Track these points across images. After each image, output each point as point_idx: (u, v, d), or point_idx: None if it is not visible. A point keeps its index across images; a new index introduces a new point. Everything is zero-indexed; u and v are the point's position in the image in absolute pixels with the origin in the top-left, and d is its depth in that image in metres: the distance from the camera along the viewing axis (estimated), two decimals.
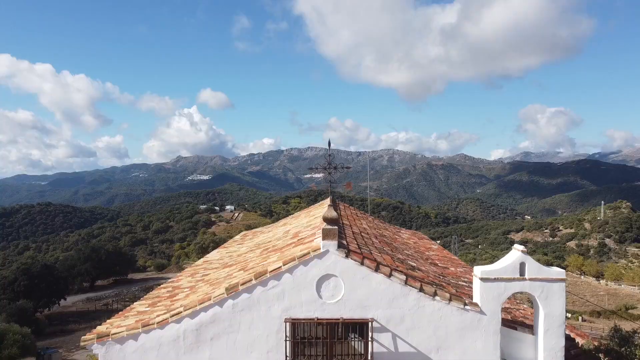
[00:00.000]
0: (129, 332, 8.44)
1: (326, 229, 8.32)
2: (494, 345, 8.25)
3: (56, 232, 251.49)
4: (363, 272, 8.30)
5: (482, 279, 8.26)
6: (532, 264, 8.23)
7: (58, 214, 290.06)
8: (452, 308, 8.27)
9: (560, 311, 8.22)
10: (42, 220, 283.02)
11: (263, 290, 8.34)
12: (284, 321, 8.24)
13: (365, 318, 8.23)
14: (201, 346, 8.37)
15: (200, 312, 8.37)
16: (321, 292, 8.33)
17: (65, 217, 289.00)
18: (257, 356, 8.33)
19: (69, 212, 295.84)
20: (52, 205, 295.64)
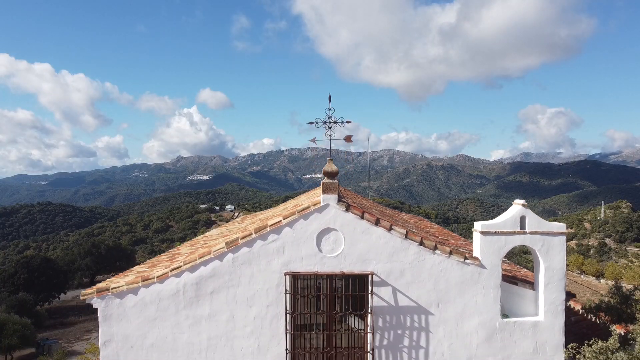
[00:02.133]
0: (129, 287, 8.43)
1: (326, 183, 8.30)
2: (494, 299, 8.24)
3: (56, 231, 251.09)
4: (363, 225, 8.28)
5: (482, 233, 8.24)
6: (532, 217, 8.22)
7: (58, 214, 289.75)
8: (452, 262, 8.26)
9: (560, 265, 8.20)
10: (42, 219, 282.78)
11: (263, 244, 8.32)
12: (284, 275, 8.22)
13: (365, 271, 8.21)
14: (201, 300, 8.36)
15: (200, 266, 8.36)
16: (321, 246, 8.31)
17: (66, 217, 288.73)
18: (257, 310, 8.32)
19: (69, 212, 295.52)
20: (52, 204, 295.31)
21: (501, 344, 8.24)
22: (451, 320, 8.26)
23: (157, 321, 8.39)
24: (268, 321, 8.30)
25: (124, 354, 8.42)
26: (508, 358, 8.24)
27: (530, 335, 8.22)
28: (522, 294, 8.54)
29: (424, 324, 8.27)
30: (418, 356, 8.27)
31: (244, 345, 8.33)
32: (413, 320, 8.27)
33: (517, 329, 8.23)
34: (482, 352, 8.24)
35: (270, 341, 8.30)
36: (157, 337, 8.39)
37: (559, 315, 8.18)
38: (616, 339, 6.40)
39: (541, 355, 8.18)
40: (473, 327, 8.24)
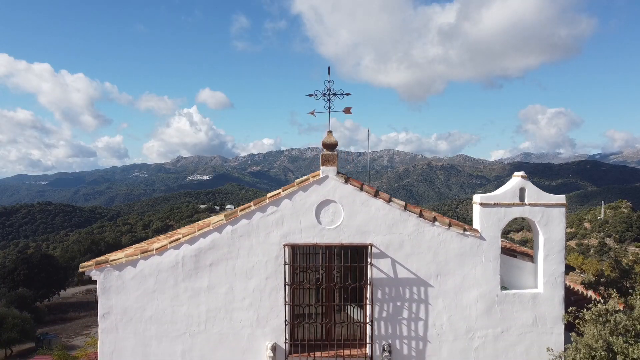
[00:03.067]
0: (128, 259, 8.42)
1: (325, 154, 8.30)
2: (493, 271, 8.23)
3: (56, 231, 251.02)
4: (362, 197, 8.27)
5: (481, 205, 8.23)
6: (532, 189, 8.21)
7: (58, 214, 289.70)
8: (452, 233, 8.25)
9: (560, 236, 8.19)
10: (42, 219, 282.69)
11: (262, 216, 8.31)
12: (283, 246, 8.21)
13: (364, 243, 8.20)
14: (200, 272, 8.35)
15: (199, 238, 8.35)
16: (320, 218, 8.30)
17: (66, 217, 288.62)
18: (256, 282, 8.30)
19: (69, 212, 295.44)
20: (52, 204, 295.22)
21: (500, 316, 8.23)
22: (450, 292, 8.25)
23: (156, 293, 8.38)
24: (267, 293, 8.29)
25: (122, 326, 8.40)
26: (507, 330, 8.23)
27: (529, 307, 8.20)
28: (521, 267, 8.53)
29: (423, 296, 8.26)
30: (417, 328, 8.26)
31: (242, 317, 8.32)
32: (412, 292, 8.26)
33: (517, 301, 8.22)
34: (482, 324, 8.23)
35: (270, 313, 8.29)
36: (156, 309, 8.38)
37: (559, 287, 8.17)
38: (616, 301, 6.40)
39: (540, 327, 8.17)
40: (472, 299, 8.23)
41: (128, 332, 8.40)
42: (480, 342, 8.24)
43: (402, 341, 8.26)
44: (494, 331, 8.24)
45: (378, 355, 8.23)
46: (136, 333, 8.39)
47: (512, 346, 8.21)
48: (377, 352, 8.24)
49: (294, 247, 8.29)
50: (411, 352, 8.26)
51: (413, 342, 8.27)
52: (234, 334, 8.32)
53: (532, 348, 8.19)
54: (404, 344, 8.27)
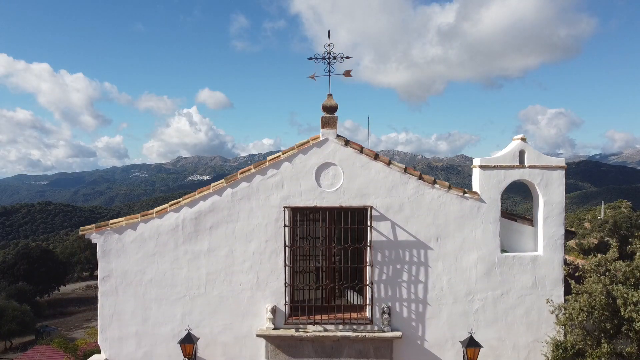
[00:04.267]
0: (128, 222, 8.43)
1: (325, 117, 8.31)
2: (493, 234, 8.23)
3: (56, 231, 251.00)
4: (362, 160, 8.28)
5: (481, 167, 8.24)
6: (531, 152, 8.22)
7: (58, 213, 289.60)
8: (452, 196, 8.25)
9: (560, 199, 8.19)
10: (42, 219, 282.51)
11: (262, 179, 8.32)
12: (283, 208, 8.22)
13: (364, 205, 8.20)
14: (200, 235, 8.35)
15: (199, 200, 8.36)
16: (320, 181, 8.31)
17: (66, 216, 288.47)
18: (256, 245, 8.31)
19: (69, 212, 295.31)
20: (52, 204, 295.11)
21: (500, 279, 8.23)
22: (450, 255, 8.25)
23: (156, 256, 8.39)
24: (267, 256, 8.30)
25: (122, 289, 8.41)
26: (507, 292, 8.23)
27: (529, 269, 8.20)
28: (521, 230, 8.53)
29: (423, 259, 8.27)
30: (417, 291, 8.26)
31: (242, 280, 8.33)
32: (412, 254, 8.27)
33: (516, 264, 8.22)
34: (481, 287, 8.23)
35: (269, 276, 8.29)
36: (156, 272, 8.39)
37: (558, 250, 8.17)
38: (615, 250, 6.40)
39: (540, 289, 8.17)
40: (472, 262, 8.24)
41: (128, 295, 8.41)
42: (480, 304, 8.24)
43: (402, 304, 8.27)
44: (493, 294, 8.24)
45: (378, 318, 8.23)
46: (136, 296, 8.40)
47: (512, 309, 8.21)
48: (377, 315, 8.24)
49: (294, 209, 8.29)
50: (411, 315, 8.27)
51: (413, 304, 8.27)
52: (234, 297, 8.33)
53: (532, 310, 8.19)
54: (404, 306, 8.27)
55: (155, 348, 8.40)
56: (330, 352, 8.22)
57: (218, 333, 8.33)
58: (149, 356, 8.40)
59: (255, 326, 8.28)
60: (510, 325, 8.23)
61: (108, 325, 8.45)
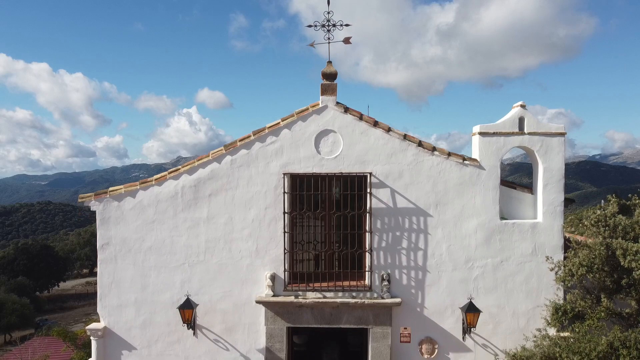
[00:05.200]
0: (127, 189, 8.42)
1: (325, 84, 8.29)
2: (493, 201, 8.22)
3: (56, 230, 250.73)
4: (362, 127, 8.27)
5: (481, 134, 8.23)
6: (531, 118, 8.21)
7: (58, 213, 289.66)
8: (451, 162, 8.24)
9: (559, 165, 8.18)
10: (42, 218, 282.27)
11: (261, 146, 8.31)
12: (282, 175, 8.20)
13: (363, 172, 8.19)
14: (199, 203, 8.34)
15: (199, 168, 8.35)
16: (320, 148, 8.30)
17: (65, 216, 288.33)
18: (255, 212, 8.30)
19: (68, 211, 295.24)
20: (52, 204, 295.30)
21: (500, 246, 8.21)
22: (450, 222, 8.24)
23: (155, 224, 8.38)
24: (266, 223, 8.28)
25: (121, 256, 8.40)
26: (507, 259, 8.21)
27: (529, 236, 8.19)
28: (521, 198, 8.51)
29: (422, 226, 8.25)
30: (417, 258, 8.24)
31: (242, 247, 8.31)
32: (412, 221, 8.25)
33: (516, 231, 8.21)
34: (481, 254, 8.22)
35: (269, 243, 8.28)
36: (155, 239, 8.38)
37: (558, 217, 8.15)
38: (615, 205, 6.39)
39: (540, 256, 8.14)
40: (472, 229, 8.22)
41: (127, 263, 8.40)
42: (479, 271, 8.23)
43: (402, 271, 8.25)
44: (493, 261, 8.22)
45: (377, 285, 8.22)
46: (135, 264, 8.39)
47: (512, 275, 8.20)
48: (377, 282, 8.23)
49: (294, 176, 8.28)
50: (410, 282, 8.25)
51: (412, 271, 8.25)
52: (233, 264, 8.32)
53: (532, 277, 8.17)
54: (403, 273, 8.25)
55: (154, 316, 8.38)
56: (330, 319, 8.21)
57: (217, 300, 8.32)
58: (148, 324, 8.39)
59: (254, 293, 8.26)
60: (509, 292, 8.21)
61: (107, 293, 8.44)
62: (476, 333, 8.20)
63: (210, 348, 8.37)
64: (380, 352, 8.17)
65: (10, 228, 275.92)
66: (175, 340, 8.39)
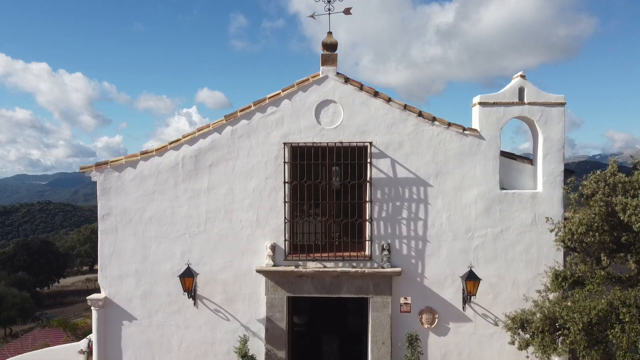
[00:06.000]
0: (128, 160, 8.43)
1: (325, 55, 8.31)
2: (493, 171, 8.23)
3: (56, 230, 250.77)
4: (362, 97, 8.29)
5: (481, 104, 8.25)
6: (531, 88, 8.22)
7: (58, 213, 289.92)
8: (451, 132, 8.25)
9: (559, 136, 8.20)
10: (42, 218, 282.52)
11: (262, 116, 8.32)
12: (282, 145, 8.22)
13: (363, 142, 8.20)
14: (200, 173, 8.36)
15: (199, 138, 8.36)
16: (320, 118, 8.32)
17: (65, 216, 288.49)
18: (256, 182, 8.31)
19: (69, 211, 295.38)
20: (52, 203, 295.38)
21: (500, 215, 8.22)
22: (450, 192, 8.25)
23: (155, 194, 8.39)
24: (267, 194, 8.30)
25: (122, 227, 8.41)
26: (507, 229, 8.23)
27: (529, 206, 8.20)
28: (520, 169, 8.52)
29: (422, 196, 8.26)
30: (417, 227, 8.26)
31: (242, 217, 8.32)
32: (412, 191, 8.27)
33: (516, 200, 8.22)
34: (481, 224, 8.23)
35: (269, 214, 8.29)
36: (155, 210, 8.39)
37: (558, 187, 8.16)
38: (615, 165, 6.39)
39: (540, 226, 8.15)
40: (472, 199, 8.23)
41: (127, 233, 8.42)
42: (479, 241, 8.24)
43: (402, 241, 8.27)
44: (493, 230, 8.23)
45: (377, 255, 8.23)
46: (136, 234, 8.41)
47: (512, 245, 8.21)
48: (377, 252, 8.24)
49: (294, 146, 8.29)
50: (410, 252, 8.26)
51: (412, 241, 8.27)
52: (234, 235, 8.33)
53: (532, 247, 8.19)
54: (403, 243, 8.27)
55: (154, 286, 8.40)
56: (330, 289, 8.22)
57: (218, 271, 8.33)
58: (148, 294, 8.41)
59: (255, 264, 8.28)
60: (509, 262, 8.23)
61: (107, 263, 8.46)
62: (476, 303, 8.22)
63: (210, 318, 8.38)
64: (380, 321, 8.18)
65: (10, 228, 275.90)
66: (175, 311, 8.41)
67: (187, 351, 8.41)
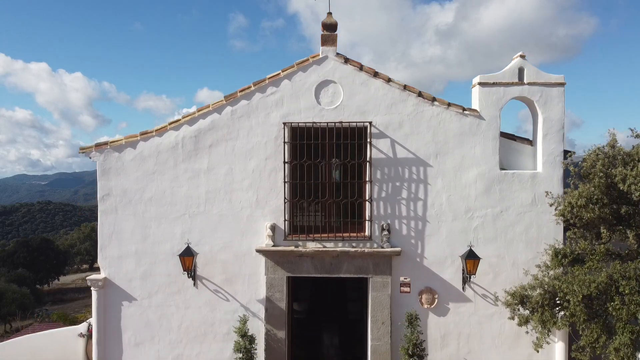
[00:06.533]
0: (128, 140, 8.43)
1: (325, 35, 8.31)
2: (492, 151, 8.23)
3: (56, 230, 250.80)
4: (362, 77, 8.29)
5: (480, 84, 8.25)
6: (531, 68, 8.22)
7: (58, 212, 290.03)
8: (451, 113, 8.25)
9: (559, 116, 8.19)
10: (42, 218, 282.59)
11: (262, 96, 8.33)
12: (282, 125, 8.22)
13: (363, 122, 8.20)
14: (199, 153, 8.36)
15: (199, 119, 8.36)
16: (320, 99, 8.32)
17: (65, 216, 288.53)
18: (256, 163, 8.32)
19: (69, 211, 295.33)
20: (52, 203, 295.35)
21: (499, 196, 8.22)
22: (449, 172, 8.25)
23: (155, 175, 8.40)
24: (267, 174, 8.30)
25: (122, 207, 8.41)
26: (507, 209, 8.22)
27: (528, 186, 8.19)
28: (520, 150, 8.52)
29: (422, 176, 8.26)
30: (416, 208, 8.26)
31: (242, 198, 8.33)
32: (411, 172, 8.27)
33: (516, 180, 8.22)
34: (481, 204, 8.23)
35: (269, 194, 8.29)
36: (155, 190, 8.39)
37: (557, 167, 8.15)
38: (614, 137, 6.39)
39: (540, 206, 8.15)
40: (472, 179, 8.23)
41: (127, 214, 8.42)
42: (479, 221, 8.24)
43: (401, 221, 8.26)
44: (493, 211, 8.23)
45: (377, 235, 8.23)
46: (135, 214, 8.41)
47: (512, 226, 8.21)
48: (376, 232, 8.24)
49: (294, 126, 8.29)
50: (410, 232, 8.26)
51: (412, 222, 8.26)
52: (234, 215, 8.33)
53: (532, 227, 8.18)
54: (403, 223, 8.26)
55: (154, 266, 8.40)
56: (330, 269, 8.22)
57: (218, 251, 8.33)
58: (148, 274, 8.41)
59: (254, 244, 8.27)
60: (509, 242, 8.22)
61: (107, 244, 8.46)
62: (476, 283, 8.21)
63: (210, 298, 8.38)
64: (380, 301, 8.18)
65: (10, 227, 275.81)
66: (175, 291, 8.40)
67: (186, 331, 8.41)
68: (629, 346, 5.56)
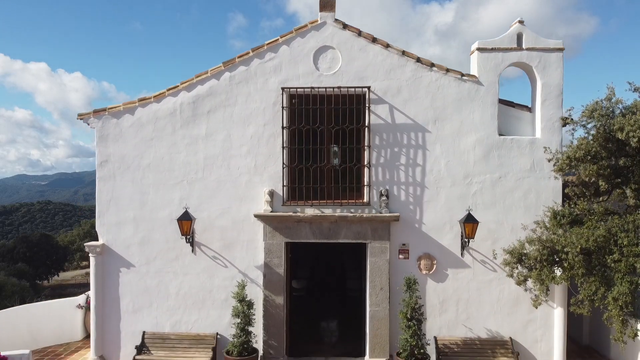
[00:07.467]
0: (126, 106, 8.42)
1: (323, 0, 8.30)
2: (491, 116, 8.22)
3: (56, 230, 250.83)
4: (360, 43, 8.27)
5: (479, 50, 8.24)
6: (529, 34, 8.21)
7: (58, 212, 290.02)
8: (450, 78, 8.24)
9: (557, 81, 8.18)
10: (42, 218, 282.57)
11: (260, 62, 8.31)
12: (281, 91, 8.20)
13: (361, 87, 8.19)
14: (198, 120, 8.35)
15: (197, 85, 8.35)
16: (318, 64, 8.31)
17: (65, 216, 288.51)
18: (254, 129, 8.30)
19: (68, 211, 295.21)
20: (52, 203, 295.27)
21: (498, 161, 8.21)
22: (448, 138, 8.23)
23: (153, 141, 8.39)
24: (265, 140, 8.29)
25: (120, 174, 8.40)
26: (505, 175, 8.21)
27: (527, 152, 8.18)
28: (519, 116, 8.50)
29: (421, 142, 8.25)
30: (415, 173, 8.24)
31: (240, 164, 8.31)
32: (410, 137, 8.25)
33: (515, 146, 8.20)
34: (479, 169, 8.21)
35: (267, 160, 8.28)
36: (153, 157, 8.38)
37: (556, 132, 8.14)
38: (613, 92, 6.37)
39: (538, 172, 8.14)
40: (470, 144, 8.22)
41: (126, 180, 8.41)
42: (478, 187, 8.22)
43: (400, 187, 8.25)
44: (491, 176, 8.22)
45: (376, 201, 8.21)
46: (134, 181, 8.40)
47: (510, 191, 8.19)
48: (375, 198, 8.22)
49: (292, 92, 8.28)
50: (409, 198, 8.25)
51: (410, 187, 8.25)
52: (232, 181, 8.32)
53: (530, 193, 8.16)
54: (402, 189, 8.25)
55: (152, 233, 8.38)
56: (328, 234, 8.21)
57: (216, 217, 8.31)
58: (146, 240, 8.39)
59: (253, 210, 8.26)
60: (508, 207, 8.21)
61: (105, 210, 8.44)
62: (474, 249, 8.20)
63: (208, 265, 8.36)
64: (378, 266, 8.16)
65: (10, 227, 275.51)
66: (173, 257, 8.39)
67: (185, 298, 8.39)
68: (627, 295, 5.54)
